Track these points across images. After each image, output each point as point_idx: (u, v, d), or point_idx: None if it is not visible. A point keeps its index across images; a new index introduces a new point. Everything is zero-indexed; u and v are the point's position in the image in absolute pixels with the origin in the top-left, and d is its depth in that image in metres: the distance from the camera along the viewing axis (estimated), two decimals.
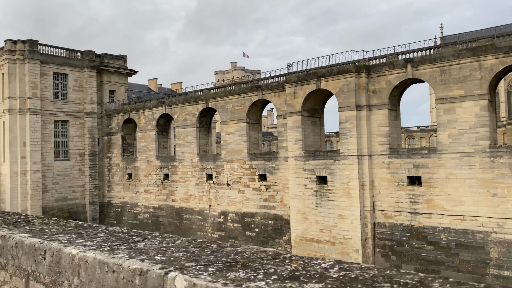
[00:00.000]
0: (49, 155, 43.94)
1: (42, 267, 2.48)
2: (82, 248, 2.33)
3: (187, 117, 40.22)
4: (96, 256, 2.17)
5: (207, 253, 2.14)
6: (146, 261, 2.00)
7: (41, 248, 2.49)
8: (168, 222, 41.46)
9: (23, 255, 2.63)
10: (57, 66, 44.99)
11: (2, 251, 2.81)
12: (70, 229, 2.94)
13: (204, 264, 1.90)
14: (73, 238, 2.62)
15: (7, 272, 2.75)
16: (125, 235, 2.67)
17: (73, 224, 3.11)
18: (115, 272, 2.02)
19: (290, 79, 31.00)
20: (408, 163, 26.69)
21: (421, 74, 26.32)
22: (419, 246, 26.10)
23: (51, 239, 2.56)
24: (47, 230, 2.91)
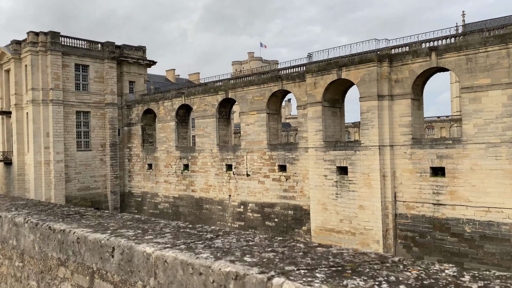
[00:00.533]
0: (71, 145, 44.73)
1: (110, 265, 2.35)
2: (155, 246, 2.18)
3: (206, 108, 40.32)
4: (178, 256, 2.01)
5: (300, 254, 1.96)
6: (238, 263, 1.83)
7: (108, 245, 2.37)
8: (188, 212, 41.89)
9: (87, 251, 2.51)
10: (78, 58, 45.55)
11: (61, 246, 2.70)
12: (130, 223, 2.85)
13: (307, 269, 1.71)
14: (139, 234, 2.50)
15: (67, 269, 2.67)
16: (193, 230, 2.56)
17: (129, 217, 3.02)
18: (202, 274, 1.86)
19: (310, 69, 30.69)
20: (431, 154, 26.23)
21: (446, 62, 25.70)
22: (442, 237, 25.75)
23: (117, 235, 2.47)
24: (106, 224, 2.83)
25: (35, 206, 3.55)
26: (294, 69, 34.66)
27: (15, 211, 3.27)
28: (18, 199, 4.02)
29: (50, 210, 3.40)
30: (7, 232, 3.13)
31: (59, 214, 3.21)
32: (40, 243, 2.86)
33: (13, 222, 3.09)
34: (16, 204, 3.68)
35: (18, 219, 3.04)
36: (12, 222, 3.11)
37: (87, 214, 3.16)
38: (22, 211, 3.32)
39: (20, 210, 3.36)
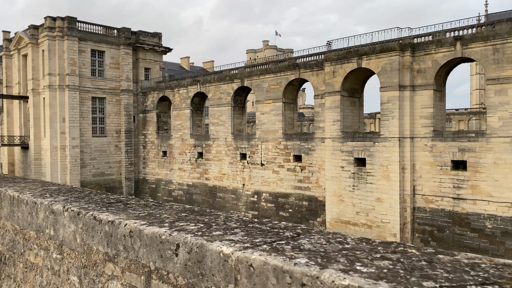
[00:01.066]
0: (87, 131, 44.92)
1: (172, 265, 2.00)
2: (231, 244, 1.83)
3: (221, 96, 39.98)
4: (268, 260, 1.62)
5: (423, 264, 1.54)
6: (353, 274, 1.43)
7: (170, 241, 2.01)
8: (201, 199, 41.87)
9: (143, 247, 2.15)
10: (94, 43, 45.47)
11: (109, 239, 2.35)
12: (184, 214, 2.47)
13: (450, 286, 1.30)
14: (203, 228, 2.14)
15: (116, 266, 2.32)
16: (263, 226, 2.19)
17: (179, 207, 2.62)
18: (306, 286, 1.48)
19: (329, 57, 30.04)
20: (453, 147, 25.53)
21: (471, 52, 24.84)
22: (462, 232, 25.18)
23: (178, 229, 2.10)
24: (159, 216, 2.45)
25: (70, 192, 3.21)
26: (312, 57, 34.01)
27: (50, 198, 2.93)
28: (49, 184, 3.70)
29: (88, 197, 3.07)
30: (43, 221, 2.81)
31: (99, 202, 2.86)
32: (82, 235, 2.51)
33: (50, 210, 2.76)
34: (49, 190, 3.35)
35: (56, 207, 2.71)
36: (49, 209, 2.78)
37: (131, 202, 2.77)
38: (58, 197, 3.00)
39: (55, 196, 3.02)
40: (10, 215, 3.13)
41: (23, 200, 2.97)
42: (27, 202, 2.90)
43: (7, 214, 3.17)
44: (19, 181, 3.89)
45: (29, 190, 3.25)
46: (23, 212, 2.95)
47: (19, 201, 2.99)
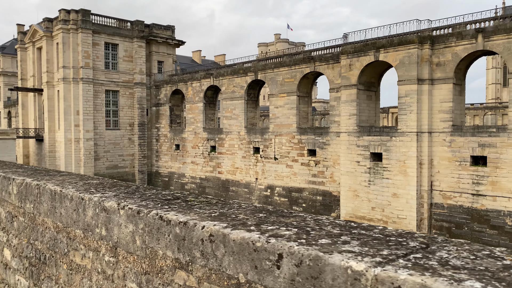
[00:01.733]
0: (100, 124, 45.08)
1: (273, 279, 1.64)
2: (358, 258, 1.46)
3: (235, 89, 39.72)
4: (428, 284, 1.22)
5: None
6: None
7: (268, 250, 1.66)
8: (214, 193, 41.81)
9: (228, 255, 1.81)
10: (108, 36, 45.47)
11: (181, 243, 2.00)
12: (262, 215, 2.11)
13: None
14: (298, 234, 1.78)
15: (190, 274, 1.98)
16: (374, 233, 1.85)
17: (251, 207, 2.32)
18: None
19: (346, 50, 29.54)
20: (473, 142, 24.96)
21: (494, 45, 24.16)
22: (481, 229, 24.67)
23: (272, 235, 1.76)
24: (235, 217, 2.11)
25: (115, 187, 2.91)
26: (327, 50, 33.51)
27: (98, 193, 2.68)
28: (88, 177, 3.45)
29: (138, 192, 2.78)
30: (92, 219, 2.53)
31: (154, 198, 2.55)
32: (144, 237, 2.19)
33: (101, 207, 2.47)
34: (91, 184, 3.10)
35: (109, 204, 2.41)
36: (99, 206, 2.49)
37: (190, 199, 2.46)
38: (106, 193, 2.71)
39: (101, 191, 2.77)
40: (51, 211, 2.89)
41: (67, 195, 2.72)
42: (72, 198, 2.65)
43: (47, 210, 2.94)
44: (53, 173, 3.68)
45: (70, 184, 3.02)
46: (67, 208, 2.71)
47: (62, 196, 2.75)
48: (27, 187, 3.21)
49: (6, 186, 3.55)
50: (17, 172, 3.81)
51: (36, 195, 3.07)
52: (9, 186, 3.50)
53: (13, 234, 3.40)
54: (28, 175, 3.58)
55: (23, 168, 4.20)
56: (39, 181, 3.15)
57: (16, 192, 3.36)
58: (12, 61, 73.91)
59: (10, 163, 4.85)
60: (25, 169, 4.05)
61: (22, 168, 4.11)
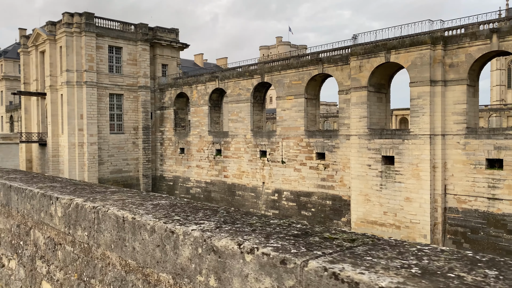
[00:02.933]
0: (104, 128, 44.57)
1: None
2: None
3: (241, 92, 39.17)
4: None
5: None
6: None
7: None
8: (220, 197, 41.21)
9: None
10: (111, 39, 45.02)
11: None
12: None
13: None
14: None
15: None
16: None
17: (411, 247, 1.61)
18: None
19: (356, 51, 28.98)
20: (488, 144, 24.33)
21: (509, 45, 23.57)
22: (497, 234, 24.01)
23: None
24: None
25: (200, 211, 2.22)
26: (335, 51, 32.95)
27: (192, 224, 1.89)
28: (153, 196, 2.60)
29: (246, 222, 1.99)
30: (190, 261, 1.73)
31: (280, 233, 1.76)
32: None
33: (207, 246, 1.69)
34: (162, 206, 2.37)
35: (222, 243, 1.64)
36: (204, 245, 1.71)
37: (329, 236, 1.71)
38: (202, 222, 1.94)
39: (190, 217, 2.03)
40: (118, 244, 2.14)
41: (145, 225, 2.00)
42: (153, 229, 1.92)
43: (110, 242, 2.22)
44: (100, 189, 2.99)
45: (136, 206, 2.27)
46: (145, 243, 1.97)
47: (137, 226, 2.03)
48: (78, 210, 2.56)
49: (47, 206, 2.84)
50: (53, 187, 3.13)
51: (92, 221, 2.42)
52: (50, 207, 2.83)
53: (57, 266, 2.70)
54: (71, 192, 2.88)
55: (58, 181, 3.51)
56: (92, 202, 2.47)
57: (61, 215, 2.70)
58: (14, 66, 73.57)
59: (39, 175, 4.18)
60: (63, 184, 3.35)
61: (57, 182, 3.44)
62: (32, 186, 3.14)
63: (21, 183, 3.35)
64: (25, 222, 3.14)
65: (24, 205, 3.16)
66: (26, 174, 4.19)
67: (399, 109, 75.06)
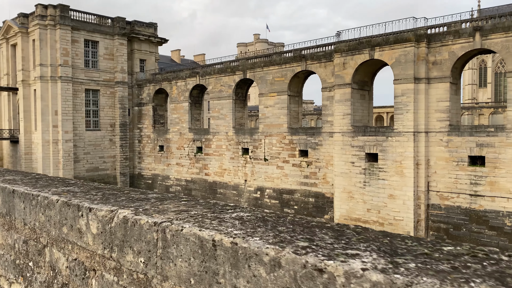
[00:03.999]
0: (80, 124, 43.10)
1: None
2: None
3: (222, 88, 38.54)
4: None
5: None
6: None
7: None
8: (201, 196, 40.50)
9: None
10: (87, 33, 43.51)
11: None
12: None
13: None
14: None
15: None
16: None
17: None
18: None
19: (339, 48, 28.83)
20: (470, 142, 24.61)
21: (492, 44, 23.87)
22: (479, 230, 24.34)
23: None
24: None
25: (269, 222, 1.71)
26: (319, 48, 32.74)
27: (312, 251, 1.28)
28: (221, 207, 1.92)
29: (329, 234, 1.56)
30: None
31: (385, 251, 1.33)
32: None
33: None
34: (242, 219, 1.77)
35: None
36: None
37: (423, 251, 1.28)
38: (296, 240, 1.41)
39: (285, 233, 1.49)
40: (203, 280, 1.48)
41: (259, 255, 1.31)
42: (276, 262, 1.25)
43: (188, 275, 1.52)
44: (137, 195, 2.25)
45: (209, 220, 1.70)
46: (260, 282, 1.29)
47: (241, 255, 1.36)
48: (127, 227, 1.85)
49: (72, 219, 2.16)
50: (73, 193, 2.40)
51: (153, 243, 1.75)
52: (78, 220, 2.12)
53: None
54: (102, 200, 2.20)
55: (73, 184, 2.77)
56: (147, 214, 1.83)
57: (97, 232, 2.04)
58: None
59: (43, 176, 3.48)
60: (83, 188, 2.59)
61: (73, 186, 2.69)
62: (44, 191, 2.50)
63: (27, 187, 2.70)
64: (37, 238, 2.52)
65: (35, 216, 2.53)
66: (26, 175, 3.52)
67: (377, 106, 76.84)
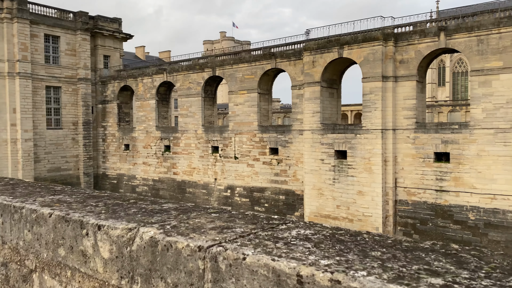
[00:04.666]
0: (40, 123, 41.21)
1: None
2: None
3: (191, 86, 37.88)
4: None
5: None
6: None
7: None
8: (169, 195, 39.71)
9: None
10: (48, 28, 41.62)
11: None
12: None
13: None
14: None
15: None
16: None
17: None
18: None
19: (309, 47, 28.93)
20: (436, 139, 25.33)
21: (455, 43, 24.63)
22: (444, 225, 25.11)
23: None
24: None
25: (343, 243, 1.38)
26: (288, 46, 32.75)
27: None
28: (263, 217, 1.61)
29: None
30: None
31: None
32: None
33: None
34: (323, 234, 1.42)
35: None
36: None
37: None
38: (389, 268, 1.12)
39: None
40: None
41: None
42: None
43: None
44: (149, 206, 1.81)
45: (265, 240, 1.33)
46: None
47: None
48: (155, 251, 1.43)
49: (72, 238, 1.70)
50: (68, 204, 1.94)
51: (198, 275, 1.32)
52: (82, 240, 1.68)
53: None
54: (107, 212, 1.73)
55: (62, 192, 2.25)
56: (182, 234, 1.40)
57: (110, 256, 1.56)
58: None
59: (20, 181, 2.97)
60: (76, 197, 2.08)
61: (64, 193, 2.14)
62: (28, 201, 2.06)
63: (4, 196, 2.21)
64: (21, 261, 2.09)
65: (18, 233, 2.09)
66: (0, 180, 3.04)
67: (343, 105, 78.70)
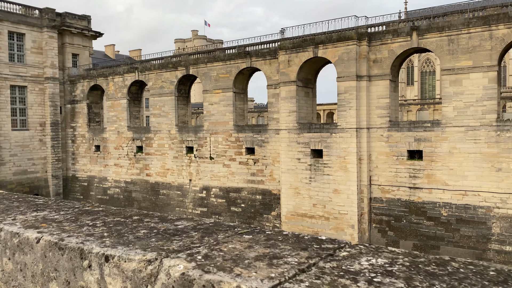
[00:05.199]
0: (5, 123, 39.45)
1: None
2: None
3: (164, 85, 37.16)
4: None
5: None
6: None
7: None
8: (142, 197, 38.85)
9: None
10: (12, 24, 39.89)
11: None
12: None
13: None
14: None
15: None
16: None
17: None
18: None
19: (284, 46, 28.87)
20: (409, 137, 25.78)
21: (427, 43, 25.12)
22: (418, 221, 25.59)
23: None
24: None
25: None
26: (263, 45, 32.59)
27: None
28: None
29: None
30: None
31: None
32: None
33: None
34: None
35: None
36: None
37: None
38: None
39: None
40: None
41: None
42: None
43: None
44: (158, 224, 1.46)
45: None
46: None
47: None
48: None
49: (70, 271, 1.35)
50: (56, 223, 1.52)
51: None
52: (82, 274, 1.34)
53: None
54: (110, 235, 1.34)
55: (48, 207, 1.84)
56: (224, 270, 1.18)
57: None
58: None
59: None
60: (70, 213, 1.69)
61: (49, 209, 1.75)
62: (6, 220, 1.67)
63: None
64: None
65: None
66: None
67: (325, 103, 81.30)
